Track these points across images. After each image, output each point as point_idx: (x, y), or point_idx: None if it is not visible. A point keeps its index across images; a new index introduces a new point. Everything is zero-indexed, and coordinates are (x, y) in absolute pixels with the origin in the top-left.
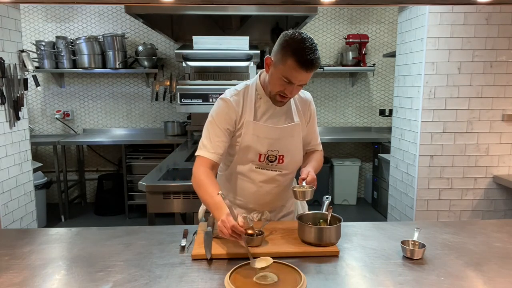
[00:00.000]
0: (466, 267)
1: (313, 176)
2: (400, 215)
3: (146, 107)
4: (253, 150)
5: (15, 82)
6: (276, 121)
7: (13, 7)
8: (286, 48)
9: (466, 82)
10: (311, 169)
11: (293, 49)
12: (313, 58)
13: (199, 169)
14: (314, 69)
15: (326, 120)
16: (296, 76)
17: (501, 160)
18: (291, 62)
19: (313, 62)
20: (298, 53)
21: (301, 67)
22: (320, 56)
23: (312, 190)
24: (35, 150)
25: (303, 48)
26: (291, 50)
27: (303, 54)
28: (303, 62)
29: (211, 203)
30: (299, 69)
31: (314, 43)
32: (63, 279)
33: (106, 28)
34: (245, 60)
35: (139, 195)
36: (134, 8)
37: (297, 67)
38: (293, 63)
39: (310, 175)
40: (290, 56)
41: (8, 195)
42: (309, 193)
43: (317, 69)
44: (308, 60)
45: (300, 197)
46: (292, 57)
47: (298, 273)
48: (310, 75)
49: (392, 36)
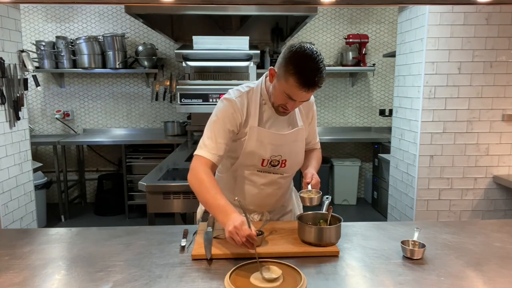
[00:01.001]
0: (466, 267)
1: (317, 179)
2: (400, 215)
3: (146, 107)
4: (257, 156)
5: (15, 82)
6: (281, 126)
7: (13, 7)
8: (289, 66)
9: (466, 82)
10: (314, 172)
11: (296, 68)
12: (316, 79)
13: (200, 168)
14: (317, 88)
15: (326, 120)
16: (298, 95)
17: (501, 160)
18: (293, 81)
19: (316, 83)
20: (300, 73)
21: (303, 87)
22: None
23: (320, 196)
24: (35, 150)
25: (307, 68)
26: (294, 68)
27: (306, 74)
28: (305, 83)
29: (214, 205)
30: (301, 89)
31: (320, 60)
32: (63, 279)
33: (106, 28)
34: (245, 60)
35: (139, 195)
36: (134, 8)
37: (299, 87)
38: (294, 83)
39: (315, 178)
40: (293, 75)
41: (8, 195)
42: (316, 199)
43: (321, 87)
44: (310, 81)
45: (308, 203)
46: (294, 76)
47: (298, 273)
48: (312, 93)
49: (392, 36)
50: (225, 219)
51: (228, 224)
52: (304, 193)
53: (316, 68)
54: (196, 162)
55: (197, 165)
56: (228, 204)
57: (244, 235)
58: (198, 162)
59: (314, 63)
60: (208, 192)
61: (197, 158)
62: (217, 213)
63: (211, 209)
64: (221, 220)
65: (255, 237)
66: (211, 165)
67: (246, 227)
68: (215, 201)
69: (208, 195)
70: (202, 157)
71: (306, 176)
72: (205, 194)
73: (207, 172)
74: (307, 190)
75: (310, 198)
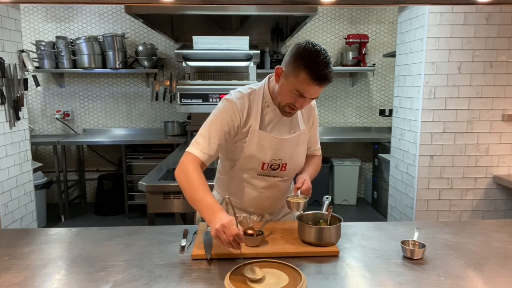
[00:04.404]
0: (466, 267)
1: (308, 185)
2: (400, 215)
3: (146, 107)
4: (257, 159)
5: (15, 82)
6: (282, 130)
7: (13, 7)
8: (299, 61)
9: (466, 82)
10: (307, 177)
11: (307, 62)
12: (327, 72)
13: (189, 164)
14: (328, 83)
15: (326, 120)
16: (309, 90)
17: (501, 160)
18: (304, 75)
19: (327, 77)
20: (312, 66)
21: (315, 81)
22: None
23: (306, 201)
24: (35, 150)
25: (317, 62)
26: (304, 63)
27: (317, 68)
28: (316, 76)
29: (200, 202)
30: (312, 83)
31: (328, 56)
32: (63, 279)
33: (106, 28)
34: (245, 60)
35: (139, 195)
36: (134, 8)
37: (310, 81)
38: (306, 77)
39: (306, 184)
40: (303, 69)
41: (8, 195)
42: (303, 204)
43: (331, 82)
44: (322, 74)
45: (294, 208)
46: (305, 70)
47: (298, 273)
48: (322, 89)
49: (392, 36)
50: (212, 217)
51: (215, 222)
52: (291, 198)
53: (326, 62)
54: (186, 158)
55: (186, 160)
56: (215, 202)
57: (231, 234)
58: (188, 158)
59: (323, 57)
60: (196, 188)
61: (187, 154)
62: (203, 210)
63: (198, 205)
64: (207, 218)
65: (242, 236)
66: (200, 164)
67: (234, 226)
68: (202, 197)
69: (195, 191)
70: (192, 155)
71: (298, 181)
72: (192, 190)
73: (196, 168)
74: (294, 195)
75: (297, 203)
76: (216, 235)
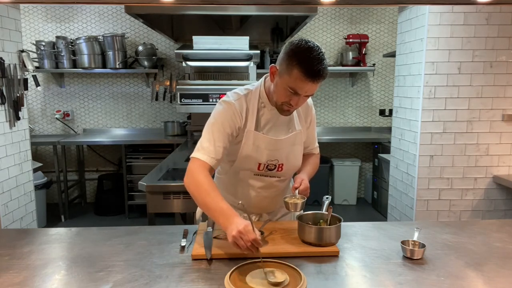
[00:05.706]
0: (466, 267)
1: (306, 185)
2: (400, 215)
3: (146, 107)
4: (253, 160)
5: (15, 82)
6: (280, 130)
7: (13, 7)
8: (292, 58)
9: (466, 82)
10: (305, 177)
11: (300, 58)
12: (320, 68)
13: (198, 170)
14: (321, 79)
15: (326, 120)
16: (303, 87)
17: (501, 160)
18: (297, 72)
19: (321, 73)
20: (304, 63)
21: (308, 77)
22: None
23: (304, 202)
24: (35, 150)
25: (310, 58)
26: (297, 59)
27: (310, 64)
28: (310, 72)
29: (214, 208)
30: (305, 79)
31: (322, 52)
32: (63, 279)
33: (106, 28)
34: (245, 60)
35: (139, 195)
36: (134, 8)
37: (304, 78)
38: (299, 74)
39: (304, 184)
40: (296, 66)
41: (8, 195)
42: (300, 205)
43: (325, 79)
44: (315, 70)
45: (292, 208)
46: (298, 67)
47: (298, 273)
48: (317, 85)
49: (392, 36)
50: (227, 223)
51: (231, 228)
52: (288, 198)
53: (319, 58)
54: (193, 165)
55: (194, 167)
56: (229, 207)
57: (249, 239)
58: (195, 164)
59: (316, 54)
60: (208, 194)
61: (194, 160)
62: (217, 216)
63: (211, 212)
64: (222, 224)
65: (260, 241)
66: (209, 169)
67: (251, 231)
68: (216, 204)
69: (208, 198)
70: (199, 160)
71: (296, 181)
72: (205, 196)
73: (206, 174)
74: (292, 196)
75: (295, 203)
76: (233, 242)
